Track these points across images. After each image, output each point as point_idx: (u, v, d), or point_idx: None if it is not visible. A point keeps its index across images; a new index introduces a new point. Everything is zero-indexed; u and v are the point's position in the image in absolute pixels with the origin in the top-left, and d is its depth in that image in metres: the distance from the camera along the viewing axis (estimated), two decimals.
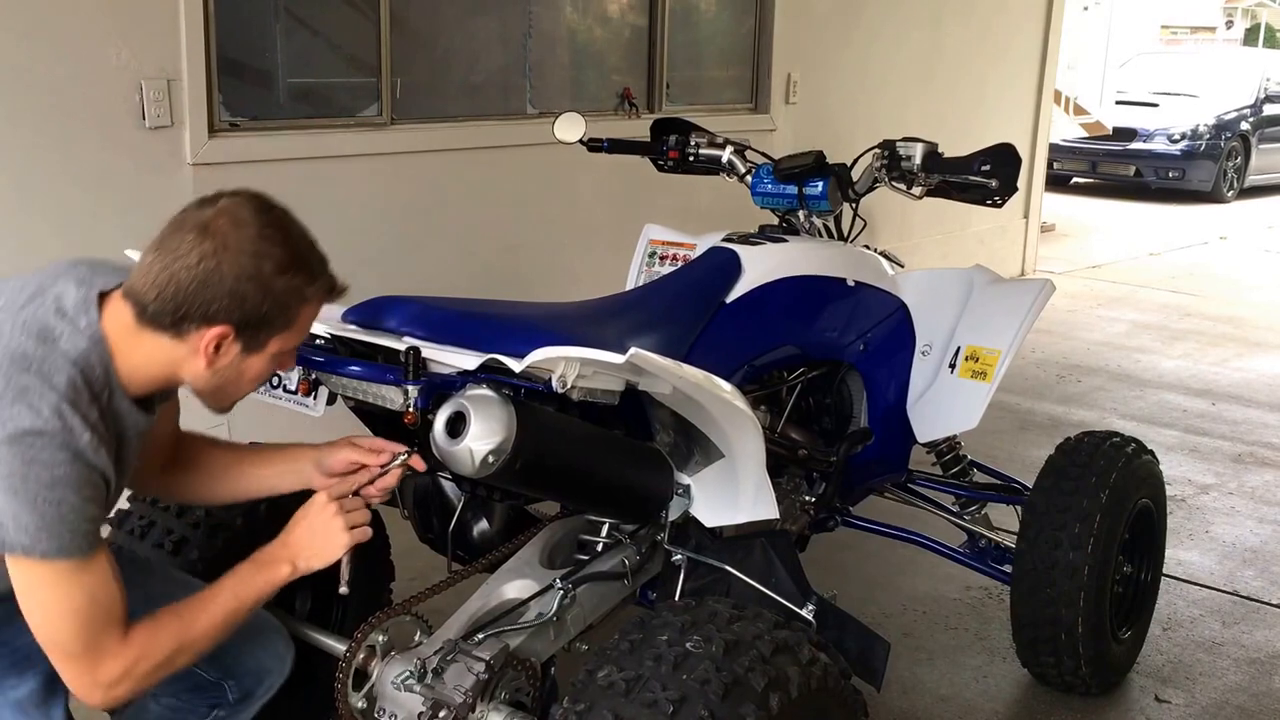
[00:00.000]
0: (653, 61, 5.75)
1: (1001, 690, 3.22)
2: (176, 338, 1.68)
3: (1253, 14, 31.08)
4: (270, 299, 1.68)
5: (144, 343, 1.69)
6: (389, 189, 4.62)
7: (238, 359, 1.73)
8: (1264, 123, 13.78)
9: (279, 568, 1.86)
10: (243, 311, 1.67)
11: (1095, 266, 9.46)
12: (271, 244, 1.68)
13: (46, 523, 1.59)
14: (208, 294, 1.65)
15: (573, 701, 1.76)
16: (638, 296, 2.79)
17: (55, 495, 1.59)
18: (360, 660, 2.06)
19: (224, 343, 1.69)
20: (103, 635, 1.67)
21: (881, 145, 2.96)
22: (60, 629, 1.66)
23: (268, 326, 1.71)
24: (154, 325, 1.67)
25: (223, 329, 1.68)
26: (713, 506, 2.22)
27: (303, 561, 1.87)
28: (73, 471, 1.60)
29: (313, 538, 1.88)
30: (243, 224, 1.67)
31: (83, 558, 1.63)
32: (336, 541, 1.89)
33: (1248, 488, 4.79)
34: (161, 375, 1.74)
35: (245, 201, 1.72)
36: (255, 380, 1.81)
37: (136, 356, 1.70)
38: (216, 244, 1.64)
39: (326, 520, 1.89)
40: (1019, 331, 2.91)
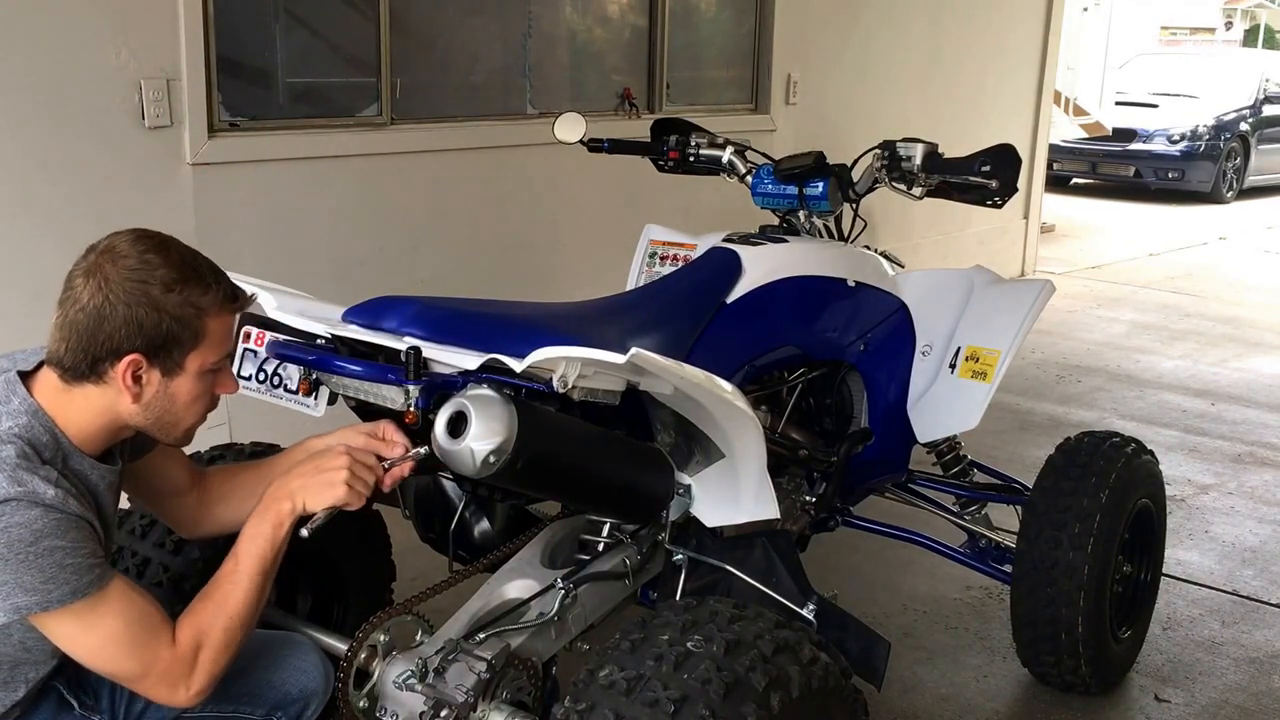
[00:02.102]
0: (653, 62, 5.75)
1: (1002, 690, 3.23)
2: (99, 382, 1.73)
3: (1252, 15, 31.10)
4: (167, 317, 1.71)
5: (76, 399, 1.74)
6: (389, 189, 4.63)
7: (162, 385, 1.76)
8: (1263, 123, 13.79)
9: (281, 504, 1.87)
10: (144, 336, 1.71)
11: (1095, 267, 9.46)
12: (152, 266, 1.71)
13: (48, 575, 1.62)
14: (107, 329, 1.69)
15: (574, 701, 1.76)
16: (638, 297, 2.79)
17: (43, 547, 1.62)
18: (362, 660, 2.06)
19: (140, 371, 1.73)
20: (153, 647, 1.72)
21: (882, 146, 2.96)
22: (112, 660, 1.71)
23: (177, 345, 1.74)
24: (77, 378, 1.72)
25: (133, 358, 1.71)
26: (714, 506, 2.22)
27: (300, 498, 1.88)
28: (50, 522, 1.63)
29: (313, 476, 1.89)
30: (120, 255, 1.71)
31: (98, 591, 1.67)
32: (332, 490, 1.89)
33: (1247, 488, 4.79)
34: (106, 425, 1.77)
35: (122, 236, 1.76)
36: (192, 404, 1.82)
37: (75, 415, 1.74)
38: (100, 280, 1.69)
39: (331, 465, 1.90)
40: (1019, 332, 2.91)
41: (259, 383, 2.27)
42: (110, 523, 1.85)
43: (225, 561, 1.86)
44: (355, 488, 1.90)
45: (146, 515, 2.39)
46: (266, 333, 2.22)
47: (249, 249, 4.14)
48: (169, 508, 2.12)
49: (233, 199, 4.14)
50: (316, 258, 4.35)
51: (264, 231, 4.23)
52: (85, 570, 1.66)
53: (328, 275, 4.30)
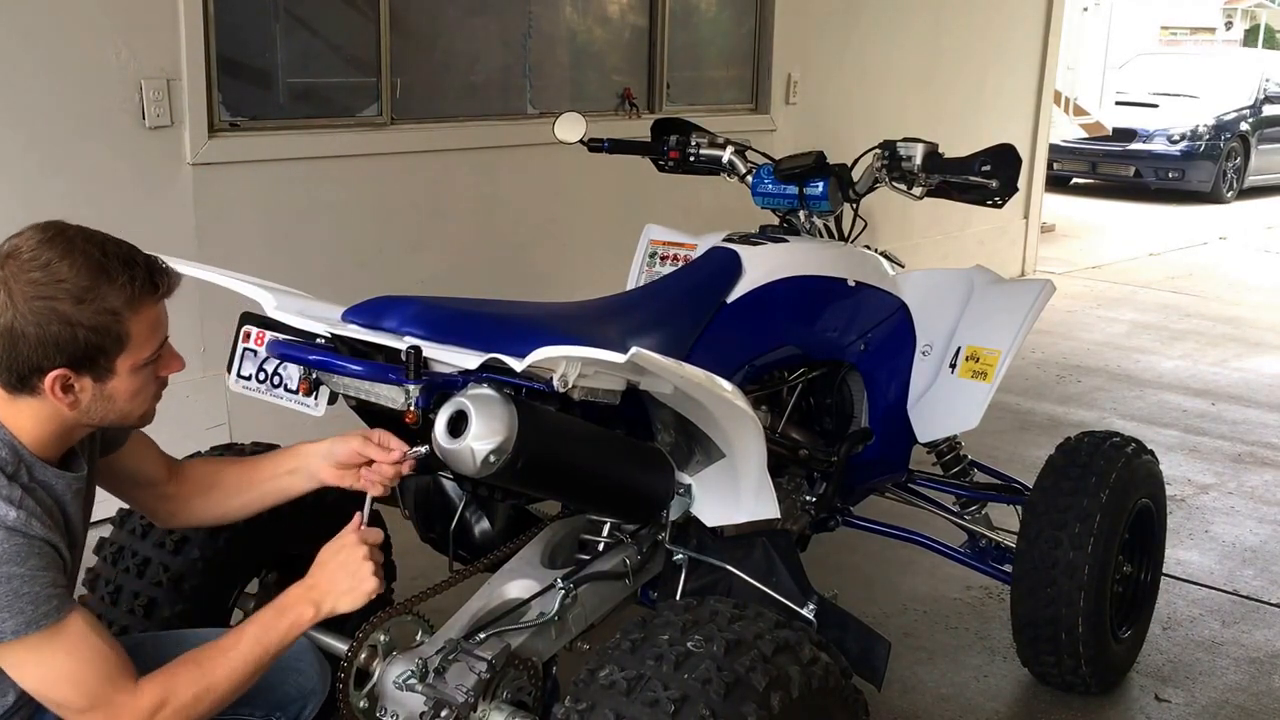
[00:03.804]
0: (653, 62, 5.75)
1: (1002, 689, 3.23)
2: (33, 394, 1.67)
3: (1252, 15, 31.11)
4: (83, 329, 1.63)
5: (23, 409, 1.69)
6: (389, 189, 4.63)
7: (96, 390, 1.70)
8: (1263, 123, 13.79)
9: (303, 610, 1.83)
10: (63, 352, 1.63)
11: (1095, 267, 9.46)
12: (57, 278, 1.61)
13: (3, 603, 1.58)
14: (23, 349, 1.62)
15: (574, 701, 1.76)
16: (639, 296, 2.79)
17: (1, 574, 1.58)
18: (362, 660, 2.06)
19: (70, 382, 1.67)
20: (107, 690, 1.66)
21: (882, 145, 2.96)
22: (61, 695, 1.65)
23: (102, 354, 1.66)
24: (15, 392, 1.67)
25: (58, 373, 1.65)
26: (714, 506, 2.22)
27: (329, 604, 1.84)
28: (10, 548, 1.60)
29: (344, 578, 1.86)
30: (25, 267, 1.62)
31: (53, 624, 1.62)
32: (366, 586, 1.86)
33: (1247, 488, 4.79)
34: (57, 431, 1.72)
35: (25, 239, 1.66)
36: (137, 397, 1.75)
37: (26, 424, 1.70)
38: (5, 297, 1.61)
39: (358, 562, 1.87)
40: (1019, 332, 2.91)
41: (259, 382, 2.27)
42: (78, 534, 1.81)
43: (228, 634, 1.81)
44: (380, 575, 1.89)
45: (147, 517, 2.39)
46: (266, 332, 2.22)
47: (249, 249, 4.15)
48: (143, 498, 2.09)
49: (233, 199, 4.14)
50: (316, 258, 4.35)
51: (264, 231, 4.23)
52: (42, 600, 1.61)
53: (328, 275, 4.30)
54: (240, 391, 2.28)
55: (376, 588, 1.87)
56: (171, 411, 4.36)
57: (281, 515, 2.45)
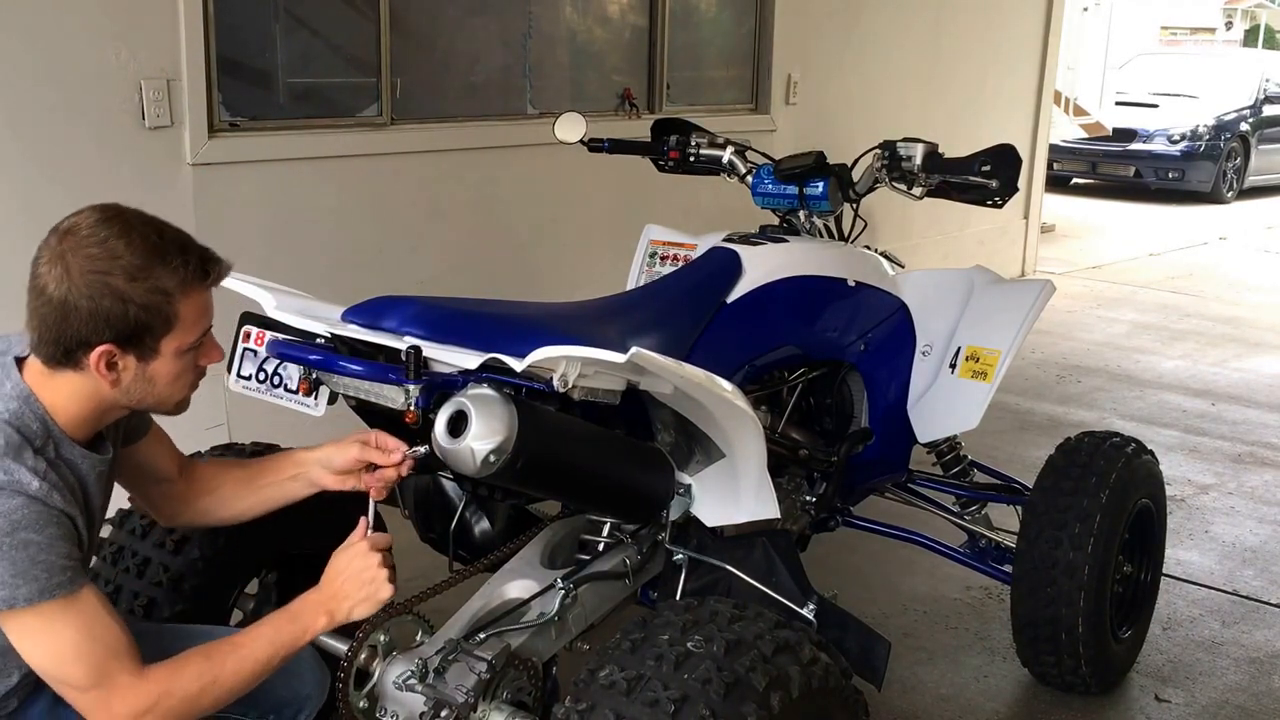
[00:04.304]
0: (653, 62, 5.75)
1: (1002, 690, 3.23)
2: (76, 370, 1.69)
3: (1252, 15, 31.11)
4: (134, 307, 1.66)
5: (61, 386, 1.71)
6: (389, 189, 4.62)
7: (139, 370, 1.72)
8: (1263, 123, 13.79)
9: (316, 618, 1.84)
10: (113, 328, 1.66)
11: (1095, 267, 9.46)
12: (115, 255, 1.65)
13: (19, 569, 1.59)
14: (73, 322, 1.65)
15: (574, 701, 1.76)
16: (639, 296, 2.79)
17: (18, 539, 1.59)
18: (362, 660, 2.06)
19: (115, 359, 1.69)
20: (110, 669, 1.66)
21: (882, 146, 2.96)
22: (65, 669, 1.66)
23: (149, 333, 1.69)
24: (56, 366, 1.69)
25: (105, 349, 1.67)
26: (714, 506, 2.22)
27: (343, 612, 1.86)
28: (30, 514, 1.61)
29: (359, 586, 1.87)
30: (83, 243, 1.65)
31: (66, 595, 1.63)
32: (382, 594, 1.87)
33: (1247, 488, 4.79)
34: (92, 410, 1.74)
35: (84, 217, 1.70)
36: (175, 381, 1.77)
37: (62, 400, 1.72)
38: (62, 270, 1.64)
39: (372, 568, 1.88)
40: (1019, 332, 2.91)
41: (259, 382, 2.27)
42: (96, 515, 1.82)
43: (241, 633, 1.82)
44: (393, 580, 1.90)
45: (147, 515, 2.39)
46: (266, 332, 2.23)
47: (249, 249, 4.14)
48: (151, 494, 2.09)
49: (233, 199, 4.14)
50: (316, 258, 4.35)
51: (264, 231, 4.22)
52: (57, 570, 1.62)
53: (328, 275, 4.30)
54: (240, 391, 2.28)
55: (391, 595, 1.89)
56: None
57: (281, 515, 2.44)
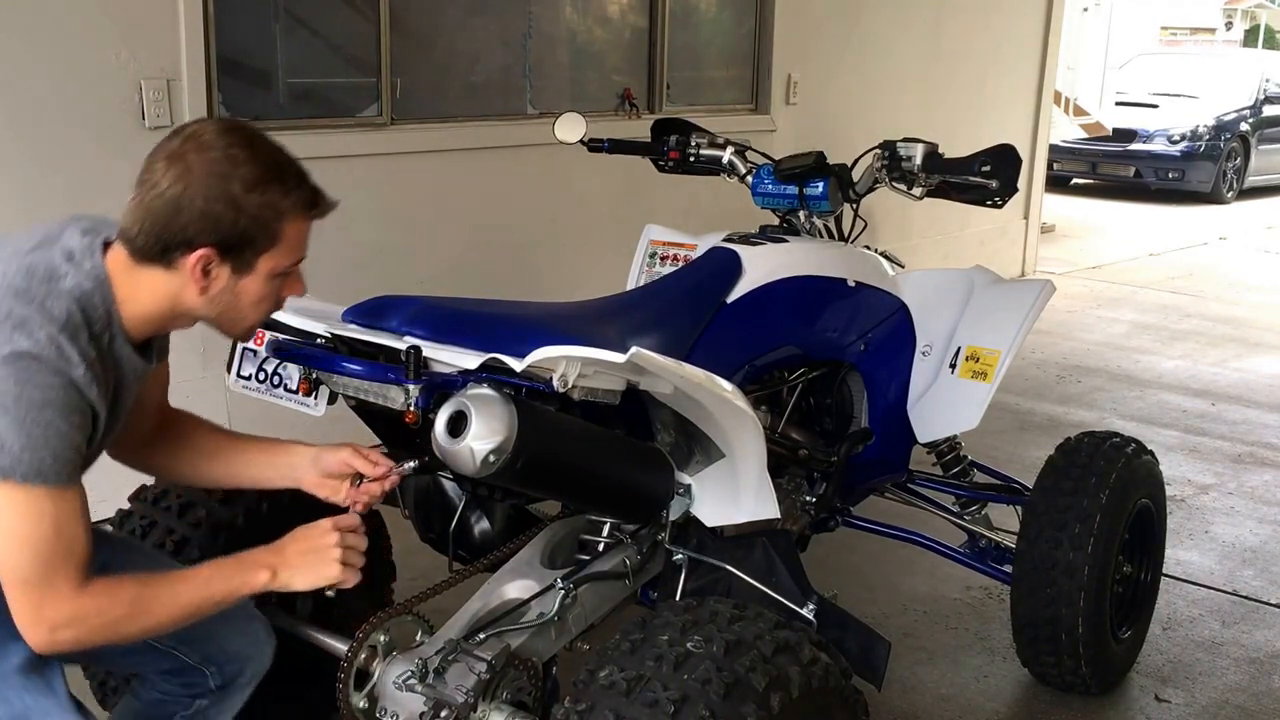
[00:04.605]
0: (653, 62, 5.75)
1: (1002, 690, 3.22)
2: (168, 268, 1.70)
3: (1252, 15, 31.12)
4: (245, 216, 1.67)
5: (142, 280, 1.71)
6: (389, 189, 4.63)
7: (230, 282, 1.73)
8: (1263, 124, 13.79)
9: (259, 573, 1.81)
10: (219, 232, 1.67)
11: (1095, 267, 9.46)
12: (236, 163, 1.67)
13: (31, 443, 1.57)
14: (182, 219, 1.65)
15: (574, 701, 1.76)
16: (639, 296, 2.79)
17: (44, 417, 1.58)
18: (362, 660, 2.06)
19: (211, 266, 1.69)
20: (59, 572, 1.63)
21: (882, 146, 2.96)
22: (19, 556, 1.62)
23: (251, 245, 1.70)
24: (146, 260, 1.69)
25: (205, 252, 1.68)
26: (714, 506, 2.22)
27: (284, 576, 1.83)
28: (64, 397, 1.60)
29: (304, 557, 1.84)
30: (207, 146, 1.67)
31: (58, 486, 1.61)
32: (326, 571, 1.85)
33: (1247, 488, 4.79)
34: (163, 311, 1.74)
35: (210, 125, 1.74)
36: (259, 303, 1.79)
37: (138, 294, 1.71)
38: (182, 169, 1.65)
39: (325, 547, 1.85)
40: (1019, 332, 2.91)
41: (259, 382, 2.27)
42: (119, 417, 1.79)
43: (182, 570, 1.81)
44: (351, 564, 1.86)
45: (147, 516, 2.39)
46: (266, 332, 2.23)
47: None
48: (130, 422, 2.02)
49: None
50: (316, 258, 4.33)
51: None
52: (63, 461, 1.60)
53: (328, 275, 4.29)
54: (240, 391, 2.28)
55: (337, 576, 1.85)
56: None
57: (283, 517, 2.45)
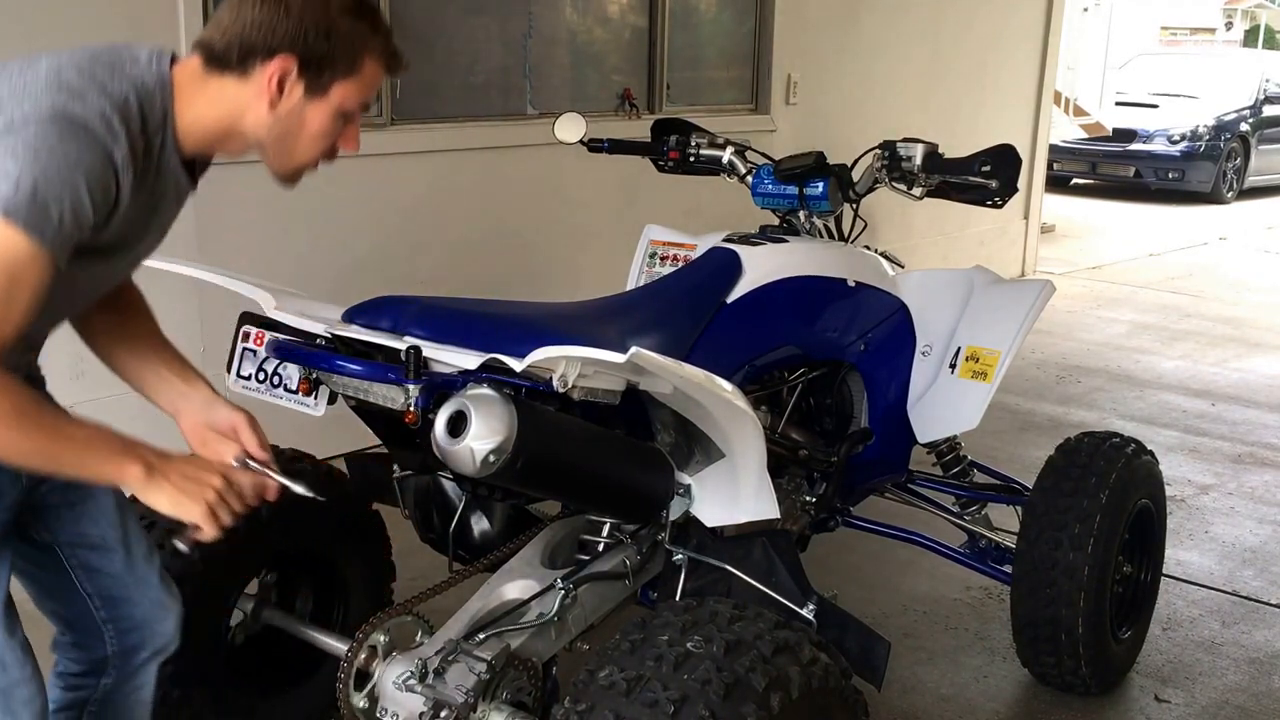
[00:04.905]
0: (653, 62, 5.75)
1: (1002, 690, 3.22)
2: (242, 77, 1.69)
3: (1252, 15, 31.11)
4: (335, 37, 1.69)
5: (209, 88, 1.70)
6: (389, 189, 4.63)
7: (301, 103, 1.72)
8: (1263, 124, 13.80)
9: (134, 465, 1.68)
10: (306, 45, 1.68)
11: (1095, 267, 9.46)
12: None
13: (44, 195, 1.52)
14: (273, 26, 1.66)
15: (574, 701, 1.76)
16: (638, 296, 2.79)
17: (71, 178, 1.54)
18: (362, 660, 2.06)
19: (287, 79, 1.69)
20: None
21: (882, 146, 2.96)
22: None
23: (331, 67, 1.71)
24: (220, 67, 1.69)
25: (286, 61, 1.68)
26: (714, 506, 2.22)
27: (154, 484, 1.69)
28: (98, 169, 1.57)
29: (181, 481, 1.72)
30: None
31: (42, 248, 1.54)
32: (189, 506, 1.71)
33: (1247, 488, 4.79)
34: (221, 124, 1.73)
35: None
36: (317, 139, 1.77)
37: (199, 103, 1.70)
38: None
39: (203, 485, 1.73)
40: (1019, 332, 2.91)
41: (259, 382, 2.27)
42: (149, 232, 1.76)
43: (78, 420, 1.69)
44: (218, 516, 1.74)
45: (146, 516, 2.38)
46: (266, 332, 2.23)
47: (249, 249, 4.14)
48: None
49: (233, 199, 4.13)
50: (316, 258, 4.35)
51: (264, 231, 4.22)
52: (56, 225, 1.53)
53: (328, 275, 4.30)
54: (240, 391, 2.28)
55: (196, 516, 1.72)
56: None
57: (281, 517, 2.46)
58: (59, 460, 1.66)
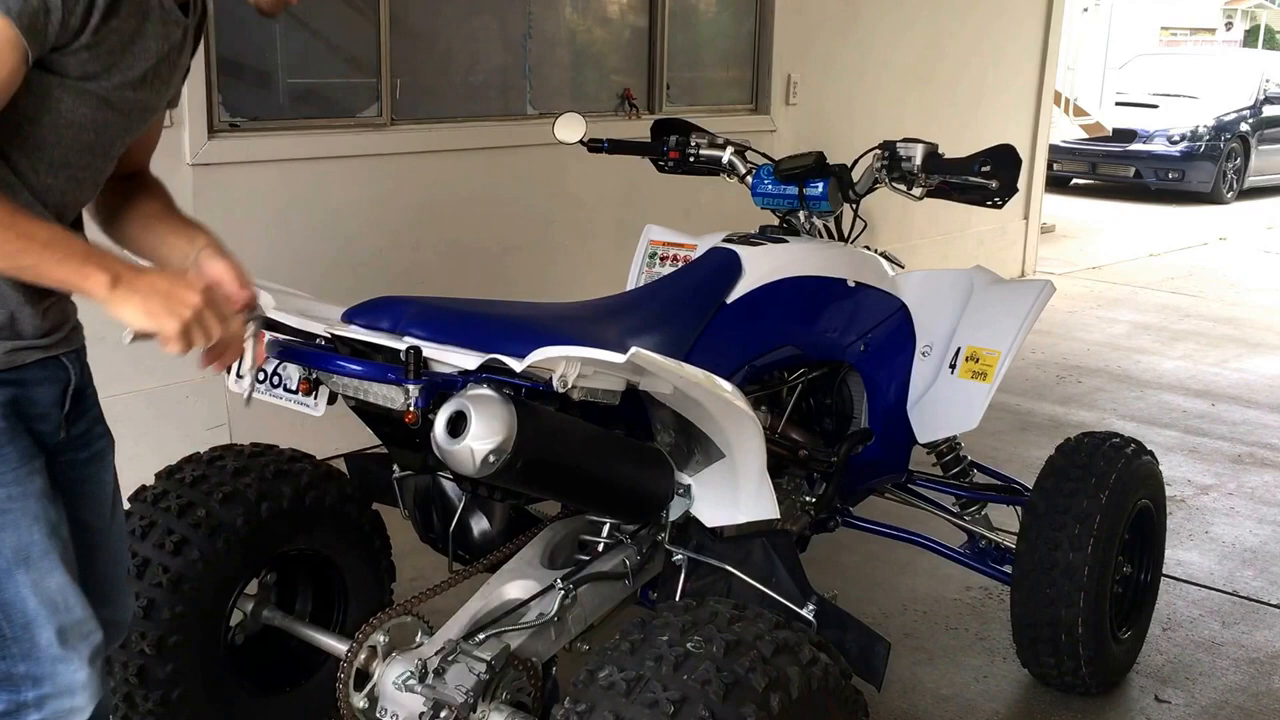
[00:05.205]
0: (653, 62, 5.75)
1: (1002, 690, 3.22)
2: None
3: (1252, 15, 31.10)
4: None
5: None
6: (389, 190, 4.63)
7: None
8: (1263, 124, 13.80)
9: (100, 273, 1.57)
10: None
11: (1095, 267, 9.46)
12: None
13: None
14: None
15: (574, 702, 1.76)
16: (638, 297, 2.79)
17: None
18: (362, 660, 2.06)
19: None
20: None
21: (882, 146, 2.95)
22: None
23: None
24: None
25: None
26: (713, 506, 2.22)
27: (120, 294, 1.58)
28: None
29: (152, 294, 1.60)
30: None
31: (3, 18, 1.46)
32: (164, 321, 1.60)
33: (1247, 488, 4.79)
34: None
35: None
36: None
37: None
38: None
39: (180, 301, 1.61)
40: (1019, 332, 2.91)
41: (259, 382, 2.27)
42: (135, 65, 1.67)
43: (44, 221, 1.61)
44: (190, 336, 1.62)
45: (146, 516, 2.39)
46: (266, 332, 2.22)
47: (249, 249, 4.12)
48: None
49: (233, 199, 4.14)
50: (316, 258, 4.35)
51: (264, 232, 4.23)
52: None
53: (328, 275, 4.30)
54: (240, 391, 2.28)
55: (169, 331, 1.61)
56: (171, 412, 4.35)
57: (281, 517, 2.46)
58: (16, 259, 1.55)
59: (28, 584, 1.66)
